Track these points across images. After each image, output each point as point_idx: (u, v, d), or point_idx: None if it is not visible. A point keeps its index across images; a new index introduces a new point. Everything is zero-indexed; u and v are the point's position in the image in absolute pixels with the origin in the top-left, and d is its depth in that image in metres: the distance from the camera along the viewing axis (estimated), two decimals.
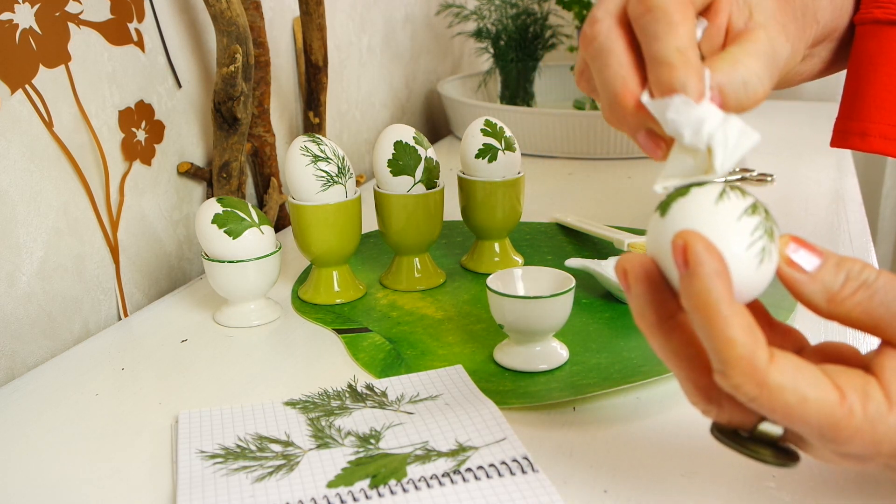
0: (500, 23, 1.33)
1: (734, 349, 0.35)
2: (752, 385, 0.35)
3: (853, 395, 0.35)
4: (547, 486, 0.45)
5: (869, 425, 0.35)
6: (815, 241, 0.39)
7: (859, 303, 0.37)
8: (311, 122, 0.99)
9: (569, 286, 0.58)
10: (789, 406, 0.35)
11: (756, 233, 0.36)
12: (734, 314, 0.35)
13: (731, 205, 0.36)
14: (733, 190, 0.37)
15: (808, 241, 0.38)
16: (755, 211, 0.36)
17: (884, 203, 1.77)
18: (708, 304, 0.35)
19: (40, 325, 0.67)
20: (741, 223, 0.36)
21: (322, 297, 0.72)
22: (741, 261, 0.36)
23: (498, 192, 0.75)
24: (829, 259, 0.37)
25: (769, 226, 0.37)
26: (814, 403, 0.35)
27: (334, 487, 0.46)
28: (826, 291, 0.37)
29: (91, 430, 0.54)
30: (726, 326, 0.35)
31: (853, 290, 0.37)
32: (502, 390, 0.56)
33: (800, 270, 0.37)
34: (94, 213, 0.71)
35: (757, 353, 0.35)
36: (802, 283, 0.37)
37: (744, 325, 0.35)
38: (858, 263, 0.37)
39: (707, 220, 0.36)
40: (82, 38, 0.69)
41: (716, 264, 0.35)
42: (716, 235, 0.36)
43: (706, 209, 0.36)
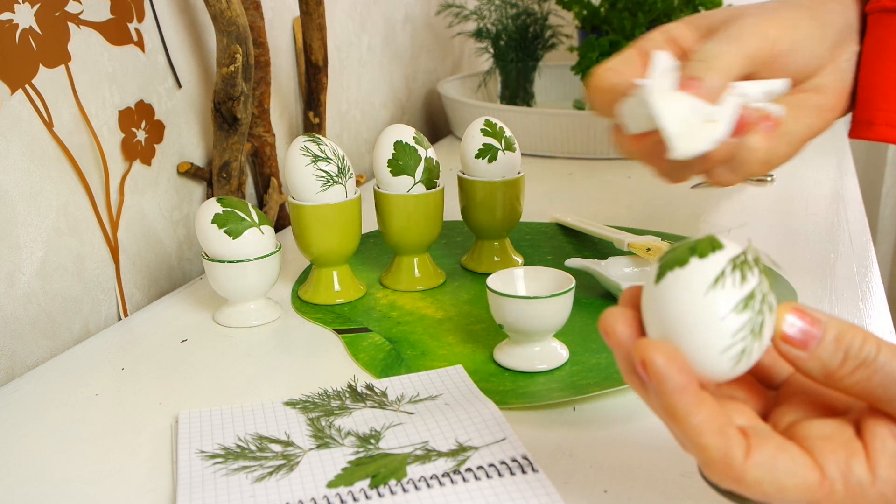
0: (500, 23, 1.33)
1: (707, 453, 0.35)
2: (729, 481, 0.35)
3: (834, 473, 0.35)
4: (547, 486, 0.45)
5: (850, 501, 0.35)
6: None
7: (858, 382, 0.36)
8: (311, 122, 0.99)
9: (569, 286, 0.58)
10: (768, 494, 0.35)
11: (738, 335, 0.35)
12: (703, 420, 0.35)
13: (723, 297, 0.34)
14: (738, 269, 0.35)
15: (808, 311, 0.37)
16: (747, 305, 0.35)
17: (884, 203, 1.77)
18: (676, 417, 0.35)
19: (40, 325, 0.67)
20: (724, 323, 0.34)
21: (322, 297, 0.72)
22: (717, 362, 0.35)
23: (498, 192, 0.75)
24: (829, 332, 0.36)
25: (760, 320, 0.35)
26: (793, 490, 0.35)
27: (334, 487, 0.46)
28: (824, 369, 0.36)
29: (91, 430, 0.54)
30: (697, 435, 0.35)
31: (852, 368, 0.36)
32: (502, 390, 0.56)
33: (797, 346, 0.36)
34: (94, 213, 0.71)
35: (730, 454, 0.35)
36: (800, 360, 0.37)
37: (714, 429, 0.35)
38: (859, 337, 0.36)
39: (690, 312, 0.35)
40: (82, 38, 0.69)
41: (678, 378, 0.35)
42: (694, 331, 0.35)
43: (694, 297, 0.35)
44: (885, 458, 0.35)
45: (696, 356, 0.35)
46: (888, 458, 0.35)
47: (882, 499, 0.35)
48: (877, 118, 0.56)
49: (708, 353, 0.35)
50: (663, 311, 0.36)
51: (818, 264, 0.77)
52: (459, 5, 1.36)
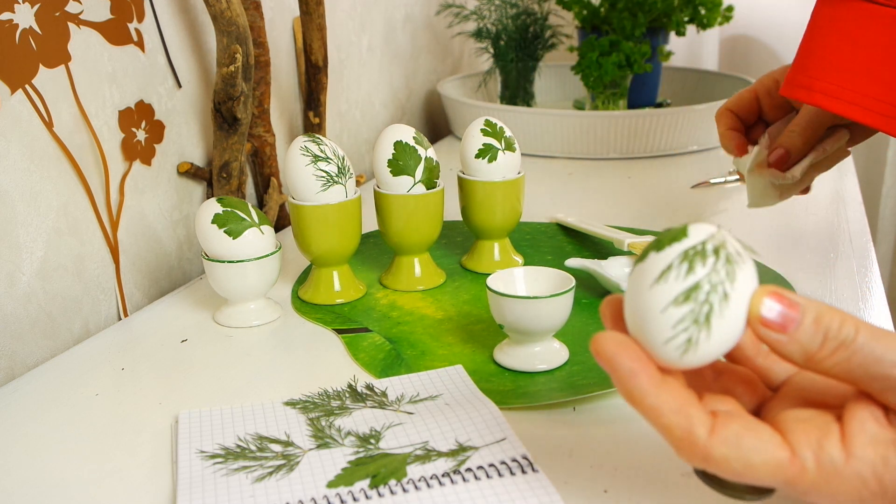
0: (500, 23, 1.33)
1: (671, 433, 0.37)
2: (697, 460, 0.37)
3: (806, 451, 0.36)
4: (547, 486, 0.45)
5: (823, 479, 0.36)
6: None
7: (837, 363, 0.36)
8: (311, 122, 0.99)
9: (569, 286, 0.58)
10: (737, 472, 0.36)
11: (679, 326, 0.36)
12: (661, 402, 0.36)
13: (665, 290, 0.36)
14: (687, 260, 0.36)
15: (786, 294, 0.37)
16: (689, 297, 0.36)
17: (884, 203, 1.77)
18: (633, 400, 0.37)
19: (40, 325, 0.67)
20: (664, 316, 0.36)
21: (322, 297, 0.72)
22: (663, 352, 0.37)
23: (498, 192, 0.75)
24: (807, 315, 0.37)
25: (706, 310, 0.36)
26: (762, 467, 0.36)
27: (334, 487, 0.46)
28: (804, 351, 0.37)
29: (91, 430, 0.54)
30: (657, 416, 0.37)
31: (832, 350, 0.36)
32: (502, 390, 0.56)
33: (776, 330, 0.37)
34: (94, 213, 0.71)
35: (694, 432, 0.36)
36: (780, 343, 0.37)
37: (673, 408, 0.36)
38: (837, 319, 0.36)
39: (638, 304, 0.37)
40: (82, 38, 0.69)
41: (628, 363, 0.36)
42: (643, 322, 0.37)
43: (642, 290, 0.37)
44: (863, 437, 0.36)
45: (649, 347, 0.37)
46: (866, 438, 0.36)
47: (858, 478, 0.35)
48: (814, 86, 0.61)
49: (655, 345, 0.37)
50: (627, 302, 0.38)
51: (818, 264, 0.77)
52: (459, 5, 1.36)
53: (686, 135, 1.18)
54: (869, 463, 0.35)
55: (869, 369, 0.36)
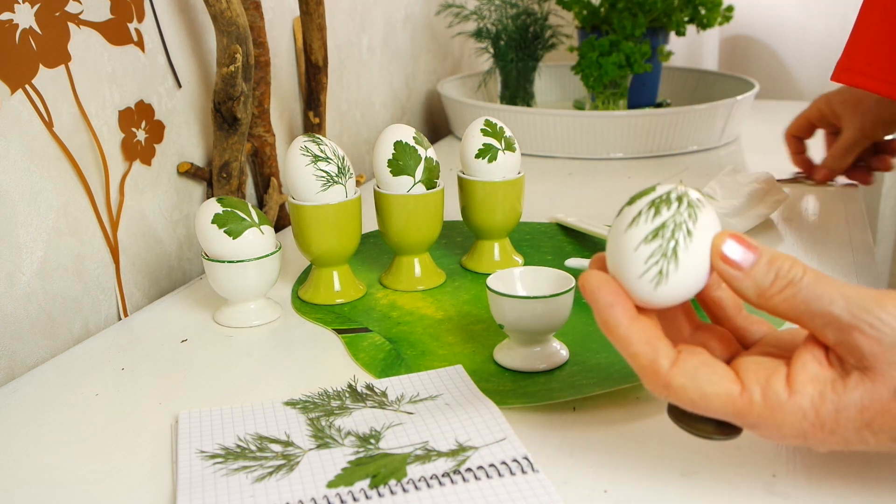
0: (500, 23, 1.33)
1: (637, 360, 0.41)
2: (659, 388, 0.41)
3: (754, 386, 0.40)
4: (547, 486, 0.45)
5: (769, 412, 0.40)
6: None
7: (785, 300, 0.40)
8: (311, 122, 0.99)
9: (569, 286, 0.58)
10: (693, 401, 0.41)
11: (650, 260, 0.41)
12: (633, 333, 0.41)
13: (635, 232, 0.41)
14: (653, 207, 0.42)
15: (746, 238, 0.42)
16: (657, 234, 0.41)
17: (884, 203, 1.77)
18: (608, 329, 0.42)
19: (40, 325, 0.67)
20: (637, 253, 0.41)
21: (322, 297, 0.72)
22: (638, 287, 0.42)
23: (498, 192, 0.75)
24: (763, 256, 0.41)
25: (672, 245, 0.41)
26: (714, 398, 0.40)
27: (334, 487, 0.46)
28: (757, 287, 0.41)
29: (91, 430, 0.54)
30: (627, 345, 0.41)
31: (780, 287, 0.40)
32: (502, 390, 0.56)
33: (734, 266, 0.41)
34: (94, 213, 0.71)
35: (658, 361, 0.41)
36: (736, 279, 0.41)
37: (642, 339, 0.41)
38: (788, 261, 0.41)
39: (615, 249, 0.43)
40: (82, 38, 0.69)
41: (607, 297, 0.42)
42: (620, 263, 0.42)
43: (618, 237, 0.42)
44: (804, 375, 0.40)
45: (627, 286, 0.42)
46: (807, 376, 0.40)
47: (799, 411, 0.39)
48: (855, 67, 0.67)
49: (631, 280, 0.42)
50: (607, 254, 0.44)
51: (818, 264, 0.77)
52: (459, 5, 1.36)
53: (686, 135, 1.18)
54: (808, 397, 0.39)
55: (811, 306, 0.40)
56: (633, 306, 0.42)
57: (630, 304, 0.42)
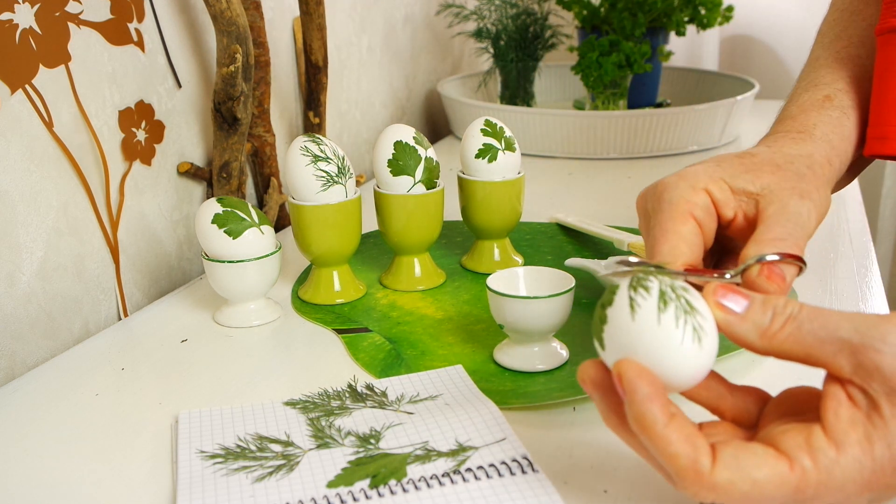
0: (500, 23, 1.33)
1: (678, 462, 0.38)
2: (704, 490, 0.38)
3: (801, 455, 0.37)
4: (547, 486, 0.45)
5: (826, 476, 0.37)
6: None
7: (790, 334, 0.39)
8: (311, 122, 0.99)
9: (569, 286, 0.58)
10: (746, 494, 0.37)
11: (679, 322, 0.39)
12: (672, 431, 0.38)
13: (645, 312, 0.39)
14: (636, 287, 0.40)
15: (734, 287, 0.41)
16: (665, 303, 0.39)
17: (884, 203, 1.77)
18: (646, 426, 0.38)
19: (40, 325, 0.67)
20: (662, 326, 0.39)
21: (322, 297, 0.72)
22: (684, 356, 0.39)
23: (498, 192, 0.75)
24: (755, 299, 0.40)
25: (684, 301, 0.39)
26: (767, 482, 0.37)
27: (334, 487, 0.46)
28: (758, 328, 0.40)
29: (91, 430, 0.54)
30: (667, 444, 0.38)
31: (781, 323, 0.39)
32: (502, 390, 0.56)
33: (731, 313, 0.40)
34: (94, 213, 0.71)
35: (699, 461, 0.37)
36: (734, 324, 0.40)
37: (682, 437, 0.38)
38: (782, 299, 0.40)
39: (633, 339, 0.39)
40: (82, 38, 0.69)
41: (646, 388, 0.38)
42: (650, 348, 0.39)
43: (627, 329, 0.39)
44: (840, 423, 0.37)
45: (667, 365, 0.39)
46: (843, 423, 0.37)
47: (855, 463, 0.37)
48: (888, 133, 0.58)
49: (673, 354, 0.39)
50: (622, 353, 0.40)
51: (818, 264, 0.77)
52: (459, 5, 1.36)
53: (686, 135, 1.18)
54: (857, 444, 0.37)
55: (818, 335, 0.38)
56: (668, 405, 0.39)
57: (667, 400, 0.39)
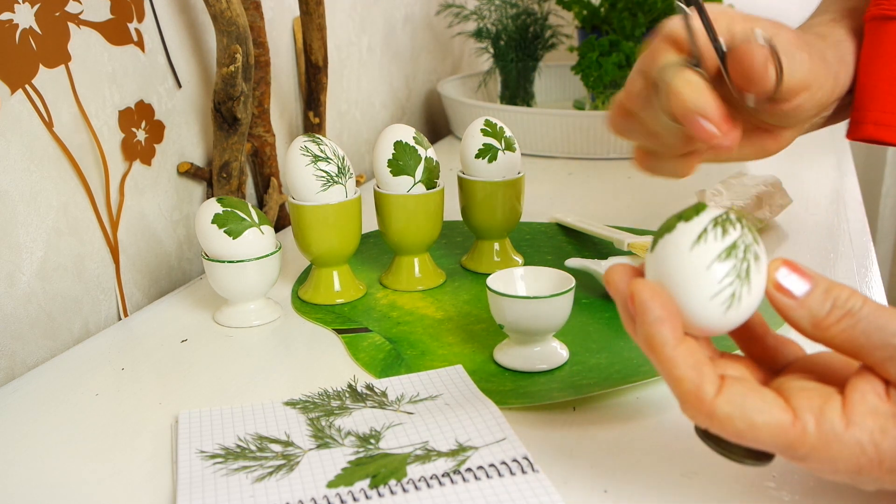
0: (500, 23, 1.33)
1: (681, 385, 0.38)
2: (701, 416, 0.38)
3: (807, 416, 0.37)
4: (547, 486, 0.45)
5: (823, 443, 0.37)
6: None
7: (843, 330, 0.38)
8: (311, 122, 0.99)
9: (569, 286, 0.58)
10: (740, 431, 0.37)
11: (725, 280, 0.38)
12: (679, 354, 0.38)
13: (705, 249, 0.38)
14: (719, 225, 0.38)
15: (800, 266, 0.39)
16: (730, 254, 0.38)
17: (884, 203, 1.77)
18: (653, 347, 0.38)
19: (40, 325, 0.67)
20: (710, 272, 0.38)
21: (322, 297, 0.72)
22: (707, 309, 0.38)
23: (498, 192, 0.75)
24: (819, 285, 0.39)
25: (745, 266, 0.38)
26: (764, 427, 0.37)
27: (334, 487, 0.46)
28: (812, 317, 0.39)
29: (91, 430, 0.54)
30: (672, 367, 0.38)
31: (838, 317, 0.38)
32: (502, 390, 0.56)
33: (788, 295, 0.39)
34: (94, 213, 0.71)
35: (703, 388, 0.37)
36: (790, 308, 0.39)
37: (689, 363, 0.38)
38: (846, 291, 0.38)
39: (678, 267, 0.39)
40: (82, 38, 0.69)
41: (658, 311, 0.38)
42: (684, 283, 0.38)
43: (681, 253, 0.39)
44: (863, 407, 0.37)
45: (690, 308, 0.39)
46: (866, 408, 0.37)
47: (857, 444, 0.36)
48: (865, 118, 0.59)
49: (700, 302, 0.38)
50: (658, 273, 0.39)
51: (818, 264, 0.77)
52: (459, 5, 1.36)
53: None
54: (868, 431, 0.37)
55: (871, 337, 0.37)
56: (681, 328, 0.39)
57: (680, 324, 0.39)
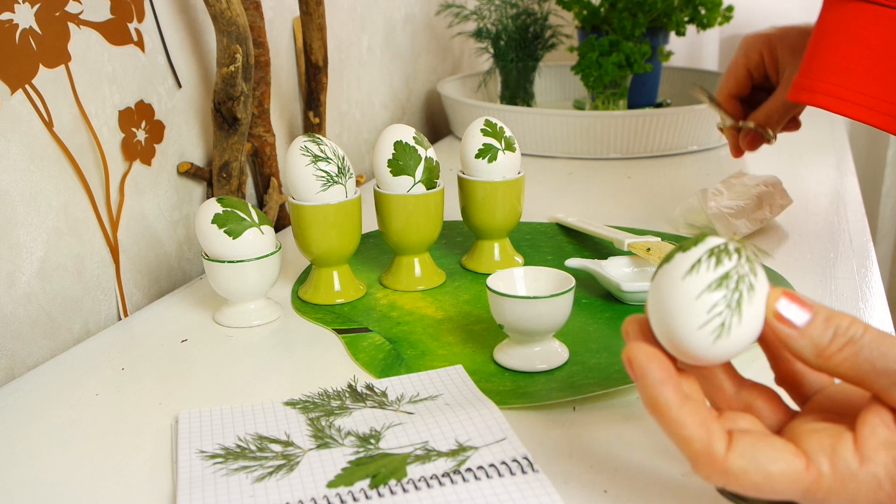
0: (500, 23, 1.33)
1: (692, 446, 0.38)
2: (716, 475, 0.37)
3: (821, 458, 0.37)
4: (547, 486, 0.45)
5: (840, 484, 0.36)
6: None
7: (846, 358, 0.38)
8: (311, 122, 0.99)
9: (569, 286, 0.58)
10: (756, 484, 0.37)
11: (714, 310, 0.38)
12: (686, 414, 0.38)
13: (697, 279, 0.38)
14: (714, 255, 0.39)
15: (800, 296, 0.39)
16: (721, 284, 0.38)
17: (884, 203, 1.77)
18: (658, 409, 0.38)
19: (40, 325, 0.67)
20: (699, 301, 0.38)
21: (322, 297, 0.72)
22: (697, 339, 0.38)
23: (498, 192, 0.75)
24: (819, 314, 0.39)
25: (737, 297, 0.38)
26: (779, 476, 0.37)
27: (334, 487, 0.46)
28: (815, 346, 0.38)
29: (91, 430, 0.54)
30: (680, 427, 0.38)
31: (840, 345, 0.38)
32: (502, 390, 0.56)
33: (789, 325, 0.39)
34: (94, 213, 0.71)
35: (713, 445, 0.37)
36: (792, 338, 0.39)
37: (696, 421, 0.38)
38: (847, 319, 0.38)
39: (671, 296, 0.39)
40: (82, 38, 0.69)
41: (658, 373, 0.38)
42: (675, 312, 0.39)
43: (674, 283, 0.39)
44: (874, 441, 0.37)
45: (680, 337, 0.39)
46: (878, 441, 0.37)
47: (874, 479, 0.36)
48: (817, 87, 0.64)
49: (689, 331, 0.38)
50: (654, 302, 0.40)
51: (818, 264, 0.77)
52: (459, 5, 1.36)
53: (686, 135, 1.18)
54: (882, 465, 0.36)
55: (875, 364, 0.37)
56: (682, 387, 0.39)
57: (680, 381, 0.39)
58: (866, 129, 1.74)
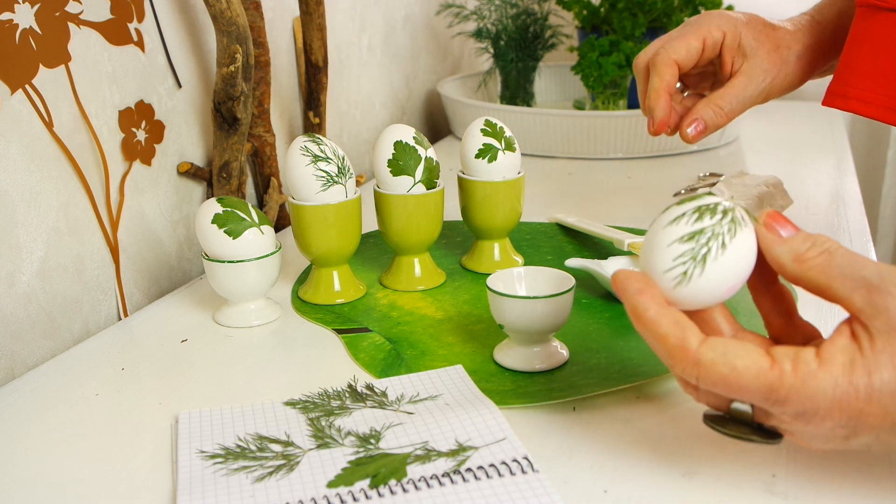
0: (500, 23, 1.33)
1: (667, 341, 0.42)
2: (689, 366, 0.41)
3: (784, 360, 0.40)
4: (547, 486, 0.45)
5: (800, 383, 0.40)
6: None
7: (819, 264, 0.42)
8: (311, 122, 0.99)
9: (569, 286, 0.58)
10: (724, 376, 0.40)
11: (678, 259, 0.43)
12: (661, 316, 0.42)
13: (674, 230, 0.43)
14: (698, 212, 0.43)
15: (789, 221, 0.44)
16: (693, 237, 0.42)
17: (884, 203, 1.77)
18: (636, 315, 0.43)
19: (40, 325, 0.67)
20: (669, 249, 0.43)
21: (322, 297, 0.72)
22: (661, 281, 0.43)
23: (498, 192, 0.75)
24: (802, 232, 0.44)
25: (704, 251, 0.42)
26: (745, 371, 0.40)
27: (334, 487, 0.46)
28: (793, 252, 0.43)
29: (91, 430, 0.54)
30: (656, 327, 0.42)
31: (816, 253, 0.42)
32: (502, 390, 0.56)
33: (774, 233, 0.44)
34: (94, 213, 0.71)
35: (687, 339, 0.41)
36: (774, 243, 0.43)
37: (671, 321, 0.42)
38: (823, 237, 0.43)
39: (650, 240, 0.44)
40: (82, 38, 0.69)
41: (635, 284, 0.43)
42: (649, 254, 0.44)
43: (656, 231, 0.44)
44: (833, 347, 0.40)
45: (651, 276, 0.44)
46: (835, 347, 0.40)
47: (831, 378, 0.40)
48: (850, 94, 0.68)
49: (655, 274, 0.43)
50: (643, 247, 0.45)
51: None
52: (459, 5, 1.36)
53: None
54: (839, 364, 0.40)
55: (843, 270, 0.41)
56: (662, 295, 0.43)
57: (659, 293, 0.43)
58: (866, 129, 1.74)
